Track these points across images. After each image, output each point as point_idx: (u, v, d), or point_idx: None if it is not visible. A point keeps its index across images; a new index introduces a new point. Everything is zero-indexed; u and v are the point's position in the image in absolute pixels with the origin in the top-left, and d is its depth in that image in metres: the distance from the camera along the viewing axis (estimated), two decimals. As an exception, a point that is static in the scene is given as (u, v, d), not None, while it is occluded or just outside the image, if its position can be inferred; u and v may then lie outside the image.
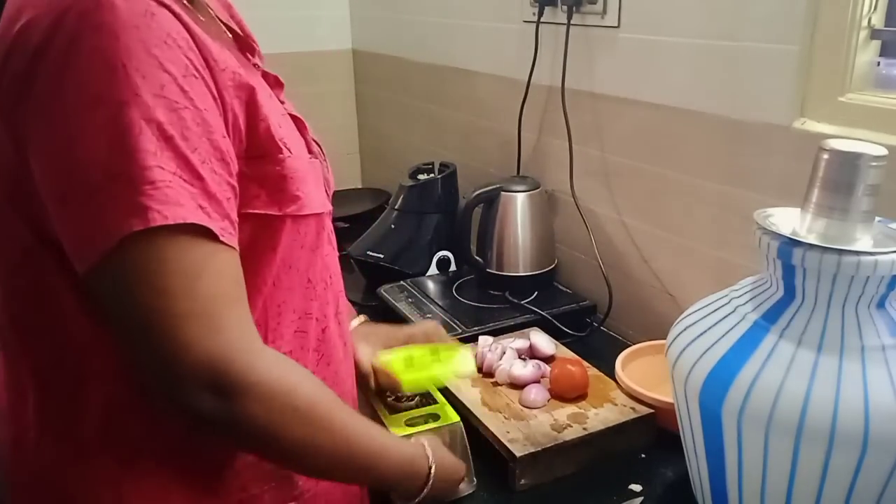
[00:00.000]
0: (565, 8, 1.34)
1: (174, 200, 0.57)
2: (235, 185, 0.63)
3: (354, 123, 2.36)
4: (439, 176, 1.65)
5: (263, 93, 0.68)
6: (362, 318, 1.05)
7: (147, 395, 0.65)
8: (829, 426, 0.68)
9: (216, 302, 0.60)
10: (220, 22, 0.74)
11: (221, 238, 0.60)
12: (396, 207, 1.64)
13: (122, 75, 0.56)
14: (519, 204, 1.43)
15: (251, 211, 0.67)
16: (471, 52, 1.72)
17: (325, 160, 0.80)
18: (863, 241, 0.72)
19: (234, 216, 0.63)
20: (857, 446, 0.68)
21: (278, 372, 0.64)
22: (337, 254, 0.83)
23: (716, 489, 0.82)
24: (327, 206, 0.77)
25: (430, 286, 1.49)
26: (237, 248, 0.62)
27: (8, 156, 0.62)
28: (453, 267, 1.56)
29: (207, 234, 0.59)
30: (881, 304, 0.73)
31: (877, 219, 0.74)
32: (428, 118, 1.97)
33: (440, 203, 1.63)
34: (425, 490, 0.80)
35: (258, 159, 0.67)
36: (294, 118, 0.75)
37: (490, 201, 1.45)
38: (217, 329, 0.59)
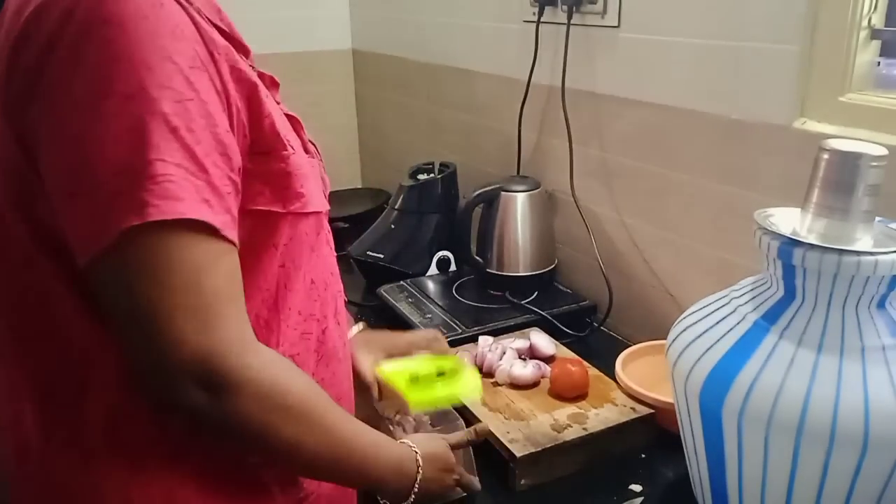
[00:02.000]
0: (565, 8, 1.34)
1: (175, 195, 0.57)
2: (237, 180, 0.63)
3: (354, 123, 2.36)
4: (439, 176, 1.65)
5: (263, 90, 0.67)
6: (361, 325, 1.05)
7: (143, 395, 0.65)
8: (829, 426, 0.68)
9: (213, 297, 0.59)
10: (211, 24, 0.74)
11: (222, 233, 0.60)
12: (396, 207, 1.64)
13: (128, 67, 0.56)
14: (519, 204, 1.43)
15: (254, 207, 0.67)
16: (471, 52, 1.72)
17: (321, 160, 0.80)
18: (863, 241, 0.72)
19: (235, 212, 0.63)
20: (857, 446, 0.68)
21: (272, 371, 0.64)
22: (335, 254, 0.83)
23: (716, 489, 0.82)
24: (326, 206, 0.77)
25: (430, 286, 1.49)
26: (237, 244, 0.62)
27: (14, 156, 0.61)
28: (453, 267, 1.56)
29: (208, 229, 0.59)
30: (881, 304, 0.73)
31: (877, 219, 0.74)
32: (428, 118, 1.97)
33: (440, 203, 1.63)
34: (414, 490, 0.80)
35: (262, 155, 0.67)
36: (290, 117, 0.75)
37: (490, 201, 1.45)
38: (212, 325, 0.59)
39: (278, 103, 0.76)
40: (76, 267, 0.60)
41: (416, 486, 0.80)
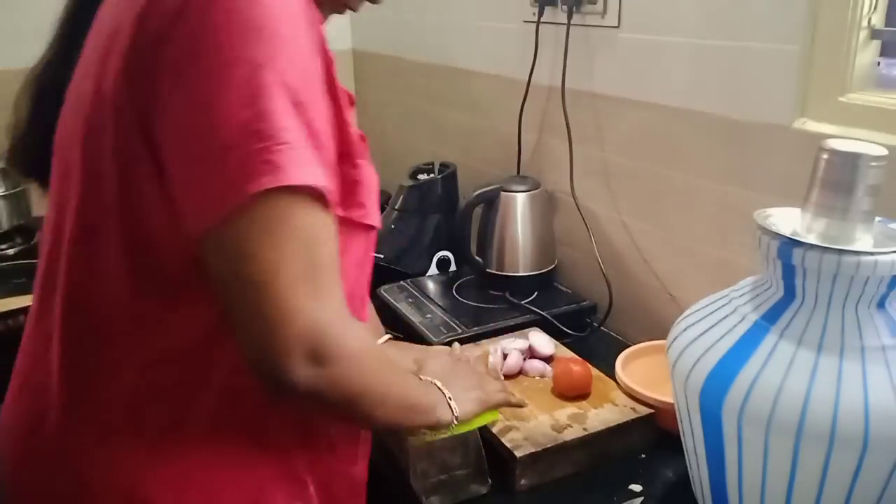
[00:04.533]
0: (565, 8, 1.34)
1: (305, 161, 0.58)
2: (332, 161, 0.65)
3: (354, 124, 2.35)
4: (439, 176, 1.66)
5: (346, 100, 0.70)
6: (388, 336, 1.05)
7: (168, 394, 0.67)
8: (829, 426, 0.68)
9: (325, 269, 0.61)
10: None
11: (334, 208, 0.62)
12: (396, 207, 1.64)
13: (259, 38, 0.57)
14: (519, 204, 1.43)
15: None
16: (471, 52, 1.72)
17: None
18: (863, 241, 0.72)
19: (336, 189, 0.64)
20: (857, 446, 0.68)
21: (365, 339, 0.67)
22: (371, 273, 0.83)
23: (716, 489, 0.82)
24: (380, 223, 0.77)
25: (430, 286, 1.49)
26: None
27: (127, 121, 0.62)
28: (453, 267, 1.57)
29: (323, 200, 0.61)
30: (881, 304, 0.73)
31: (877, 219, 0.74)
32: (428, 118, 1.97)
33: (440, 203, 1.63)
34: (454, 409, 0.81)
35: (339, 157, 0.68)
36: (361, 137, 0.76)
37: (490, 201, 1.45)
38: (324, 295, 0.60)
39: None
40: (135, 240, 0.62)
41: (449, 401, 0.82)
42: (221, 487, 0.70)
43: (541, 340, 1.20)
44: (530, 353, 1.18)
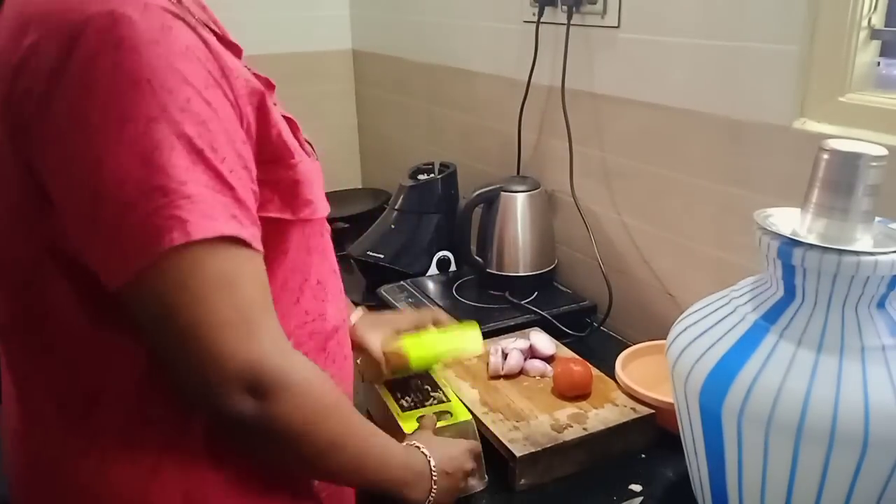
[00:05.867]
0: (565, 8, 1.34)
1: (209, 213, 0.57)
2: (256, 190, 0.64)
3: (354, 123, 2.36)
4: (439, 176, 1.65)
5: (270, 98, 0.68)
6: (361, 310, 1.06)
7: (166, 406, 0.66)
8: (829, 426, 0.68)
9: (251, 309, 0.61)
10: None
11: (252, 245, 0.61)
12: (396, 207, 1.64)
13: (147, 91, 0.56)
14: (519, 204, 1.43)
15: (265, 215, 0.67)
16: (471, 52, 1.72)
17: (317, 158, 0.80)
18: (863, 242, 0.72)
19: (257, 220, 0.63)
20: (857, 446, 0.68)
21: (308, 372, 0.65)
22: (334, 252, 0.83)
23: (716, 489, 0.82)
24: (328, 209, 0.77)
25: (430, 286, 1.49)
26: (263, 252, 0.63)
27: (20, 181, 0.61)
28: (453, 267, 1.57)
29: (239, 243, 0.60)
30: (881, 304, 0.73)
31: (877, 219, 0.74)
32: (428, 118, 1.97)
33: (440, 203, 1.63)
34: (433, 488, 0.80)
35: (271, 164, 0.67)
36: (287, 119, 0.75)
37: (490, 201, 1.45)
38: (254, 335, 0.60)
39: (275, 105, 0.77)
40: (85, 282, 0.61)
41: (434, 486, 0.81)
42: (224, 499, 0.70)
43: (542, 340, 1.20)
44: (531, 353, 1.18)
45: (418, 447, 0.83)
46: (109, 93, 0.56)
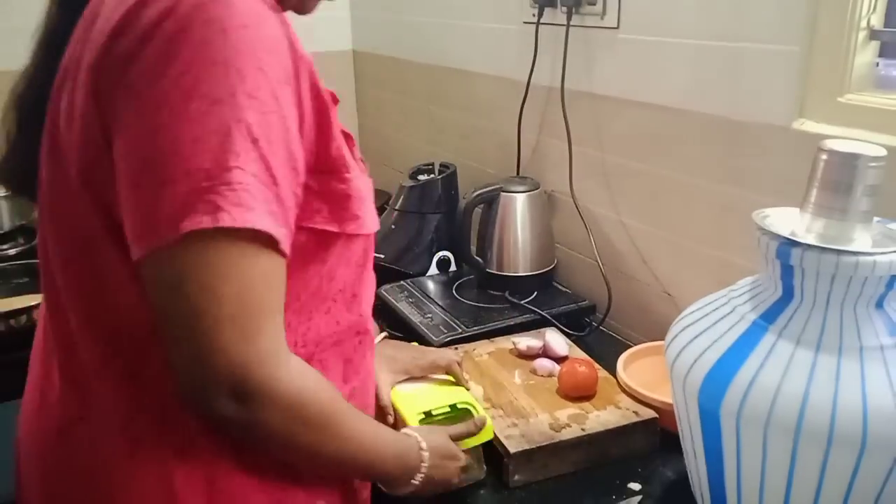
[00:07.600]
0: (565, 9, 1.35)
1: (247, 204, 0.57)
2: (300, 194, 0.64)
3: (355, 124, 2.36)
4: (439, 176, 1.66)
5: (334, 112, 0.68)
6: (384, 335, 1.05)
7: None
8: (827, 426, 0.68)
9: (258, 310, 0.60)
10: None
11: (280, 246, 0.60)
12: (396, 207, 1.65)
13: (222, 73, 0.56)
14: (519, 204, 1.44)
15: (311, 225, 0.67)
16: (470, 52, 1.72)
17: (370, 176, 0.80)
18: (861, 242, 0.72)
19: (293, 224, 0.63)
20: (855, 446, 0.68)
21: (299, 384, 0.65)
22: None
23: (714, 489, 0.82)
24: (378, 225, 0.77)
25: (431, 286, 1.49)
26: (288, 256, 0.63)
27: (95, 138, 0.61)
28: (453, 267, 1.57)
29: (268, 241, 0.59)
30: (879, 305, 0.73)
31: (875, 219, 0.75)
32: (428, 118, 1.97)
33: (440, 203, 1.64)
34: (415, 479, 0.81)
35: (325, 175, 0.67)
36: (344, 134, 0.75)
37: (490, 202, 1.46)
38: (251, 337, 0.60)
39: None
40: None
41: (420, 475, 0.81)
42: (252, 492, 0.70)
43: (556, 340, 1.21)
44: (544, 353, 1.19)
45: (410, 434, 0.84)
46: (187, 66, 0.56)
